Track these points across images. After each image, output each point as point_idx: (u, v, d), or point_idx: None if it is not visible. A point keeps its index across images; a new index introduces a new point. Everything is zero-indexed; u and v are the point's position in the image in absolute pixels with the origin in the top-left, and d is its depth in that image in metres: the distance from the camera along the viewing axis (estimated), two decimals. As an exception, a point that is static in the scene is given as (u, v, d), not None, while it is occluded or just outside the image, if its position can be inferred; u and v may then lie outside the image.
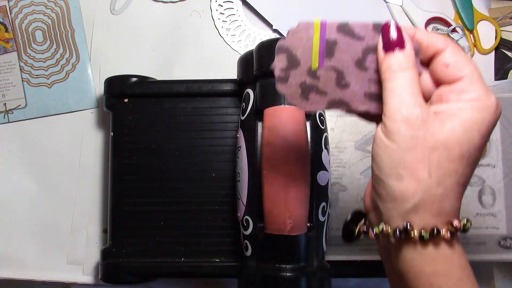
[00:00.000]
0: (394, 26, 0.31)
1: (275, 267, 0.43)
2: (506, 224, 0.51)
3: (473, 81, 0.30)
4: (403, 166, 0.29)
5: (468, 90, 0.30)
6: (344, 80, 0.32)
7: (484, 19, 0.61)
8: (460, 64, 0.30)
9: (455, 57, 0.31)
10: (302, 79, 0.33)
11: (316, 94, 0.33)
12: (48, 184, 0.59)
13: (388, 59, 0.31)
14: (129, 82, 0.54)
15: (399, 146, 0.29)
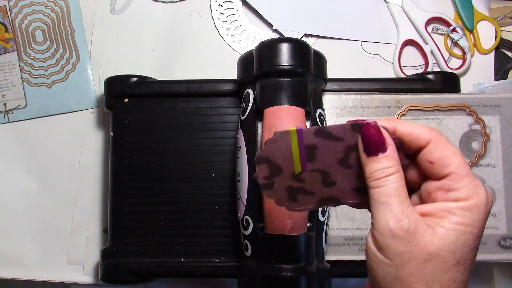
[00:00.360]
0: (373, 128, 0.30)
1: (275, 267, 0.43)
2: (506, 224, 0.51)
3: (459, 178, 0.29)
4: (399, 282, 0.28)
5: (455, 188, 0.29)
6: (330, 179, 0.32)
7: (484, 19, 0.61)
8: (445, 160, 0.29)
9: (438, 152, 0.29)
10: (288, 184, 0.32)
11: (304, 195, 0.32)
12: (48, 184, 0.59)
13: (370, 165, 0.30)
14: (129, 82, 0.54)
15: (392, 261, 0.28)
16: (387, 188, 0.29)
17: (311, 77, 0.47)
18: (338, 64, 0.58)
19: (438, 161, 0.29)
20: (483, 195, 0.29)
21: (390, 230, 0.28)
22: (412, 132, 0.30)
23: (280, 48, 0.46)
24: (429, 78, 0.54)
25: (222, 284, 0.58)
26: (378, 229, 0.28)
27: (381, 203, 0.29)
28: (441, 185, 0.30)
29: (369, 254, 0.29)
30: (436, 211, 0.29)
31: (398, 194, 0.29)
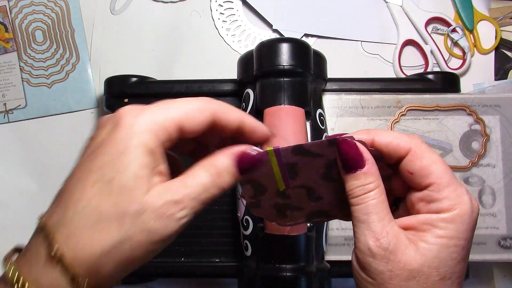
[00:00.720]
0: (350, 144, 0.29)
1: (275, 267, 0.43)
2: (506, 224, 0.51)
3: (441, 187, 0.28)
4: None
5: (437, 199, 0.28)
6: (316, 194, 0.32)
7: (484, 19, 0.61)
8: (425, 170, 0.28)
9: (419, 162, 0.28)
10: (274, 201, 0.32)
11: (292, 211, 0.32)
12: (48, 184, 0.59)
13: (350, 182, 0.29)
14: (129, 82, 0.54)
15: (374, 280, 0.27)
16: (366, 205, 0.28)
17: (311, 77, 0.47)
18: (338, 64, 0.58)
19: (418, 171, 0.29)
20: (467, 204, 0.28)
21: (369, 249, 0.27)
22: (390, 143, 0.29)
23: (280, 48, 0.46)
24: (429, 78, 0.54)
25: (222, 284, 0.58)
26: (359, 248, 0.28)
27: (361, 221, 0.28)
28: (423, 196, 0.29)
29: (354, 272, 0.29)
30: (418, 224, 0.28)
31: (377, 211, 0.28)
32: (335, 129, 0.51)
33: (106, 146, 0.26)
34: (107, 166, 0.26)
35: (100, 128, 0.28)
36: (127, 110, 0.27)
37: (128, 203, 0.25)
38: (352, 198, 0.29)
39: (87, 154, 0.27)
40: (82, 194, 0.26)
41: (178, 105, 0.28)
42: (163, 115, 0.27)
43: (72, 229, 0.25)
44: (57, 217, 0.26)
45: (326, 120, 0.50)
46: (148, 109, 0.27)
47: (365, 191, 0.28)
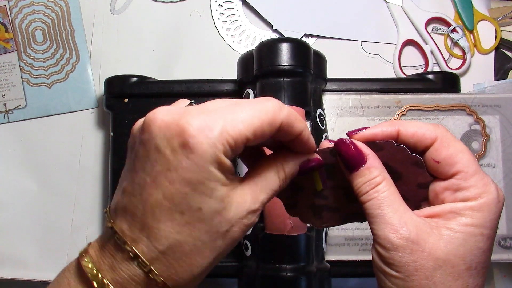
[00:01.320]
0: (348, 143, 0.29)
1: (275, 267, 0.43)
2: (506, 224, 0.51)
3: (468, 176, 0.27)
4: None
5: (463, 188, 0.27)
6: (353, 194, 0.30)
7: (484, 19, 0.61)
8: (452, 159, 0.28)
9: (445, 150, 0.28)
10: (311, 202, 0.32)
11: (328, 212, 0.32)
12: (48, 184, 0.59)
13: (355, 179, 0.29)
14: (129, 82, 0.54)
15: (399, 273, 0.27)
16: (377, 199, 0.28)
17: (311, 77, 0.47)
18: (338, 64, 0.58)
19: (444, 160, 0.28)
20: (494, 193, 0.27)
21: (391, 242, 0.27)
22: (416, 133, 0.29)
23: (280, 48, 0.46)
24: (429, 78, 0.54)
25: (222, 284, 0.58)
26: (379, 243, 0.27)
27: (376, 216, 0.28)
28: (448, 185, 0.28)
29: (376, 266, 0.28)
30: (443, 212, 0.28)
31: (390, 203, 0.28)
32: (335, 129, 0.51)
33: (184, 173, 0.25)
34: (192, 197, 0.25)
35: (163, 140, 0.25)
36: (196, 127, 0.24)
37: (219, 225, 0.26)
38: (361, 196, 0.28)
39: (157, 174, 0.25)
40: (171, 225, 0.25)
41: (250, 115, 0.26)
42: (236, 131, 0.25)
43: (168, 261, 0.26)
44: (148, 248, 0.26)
45: (326, 120, 0.50)
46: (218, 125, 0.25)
47: (373, 186, 0.28)
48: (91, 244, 0.28)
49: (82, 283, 0.26)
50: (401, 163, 0.30)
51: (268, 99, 0.27)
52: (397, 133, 0.29)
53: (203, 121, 0.25)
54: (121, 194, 0.27)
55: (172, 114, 0.25)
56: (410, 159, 0.29)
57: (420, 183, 0.29)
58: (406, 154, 0.29)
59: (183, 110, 0.26)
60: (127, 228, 0.26)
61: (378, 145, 0.30)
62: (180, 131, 0.24)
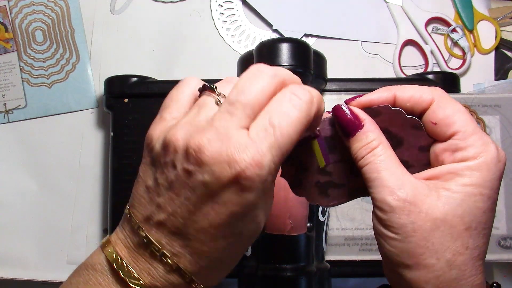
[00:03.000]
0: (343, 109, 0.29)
1: (275, 267, 0.43)
2: (506, 224, 0.51)
3: (466, 136, 0.27)
4: (407, 255, 0.26)
5: (462, 147, 0.27)
6: (356, 168, 0.30)
7: (484, 19, 0.61)
8: (449, 119, 0.28)
9: (442, 111, 0.28)
10: (315, 179, 0.32)
11: (334, 189, 0.32)
12: (48, 184, 0.59)
13: (353, 144, 0.29)
14: (129, 82, 0.54)
15: (397, 235, 0.27)
16: (374, 163, 0.28)
17: (311, 77, 0.47)
18: (338, 64, 0.58)
19: (442, 120, 0.28)
20: (493, 152, 0.27)
21: (388, 204, 0.26)
22: (412, 96, 0.29)
23: (280, 48, 0.46)
24: (429, 78, 0.54)
25: (222, 284, 0.58)
26: (377, 206, 0.27)
27: (373, 179, 0.28)
28: (447, 146, 0.28)
29: (375, 230, 0.28)
30: (442, 173, 0.27)
31: (387, 166, 0.28)
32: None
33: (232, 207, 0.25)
34: (236, 225, 0.26)
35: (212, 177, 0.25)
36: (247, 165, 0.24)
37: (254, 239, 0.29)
38: (359, 161, 0.29)
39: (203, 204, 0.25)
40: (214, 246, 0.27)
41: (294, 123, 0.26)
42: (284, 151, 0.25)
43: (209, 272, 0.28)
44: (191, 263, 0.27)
45: (326, 120, 0.50)
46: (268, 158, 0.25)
47: (369, 150, 0.28)
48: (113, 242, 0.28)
49: (118, 282, 0.27)
50: (400, 127, 0.30)
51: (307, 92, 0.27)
52: (394, 98, 0.30)
53: (253, 157, 0.24)
54: (155, 207, 0.27)
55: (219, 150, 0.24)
56: (408, 122, 0.29)
57: (421, 145, 0.29)
58: (403, 117, 0.29)
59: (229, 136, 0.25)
60: (167, 243, 0.26)
61: (375, 110, 0.30)
62: (231, 171, 0.24)
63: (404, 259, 0.27)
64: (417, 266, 0.26)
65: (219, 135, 0.25)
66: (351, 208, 0.51)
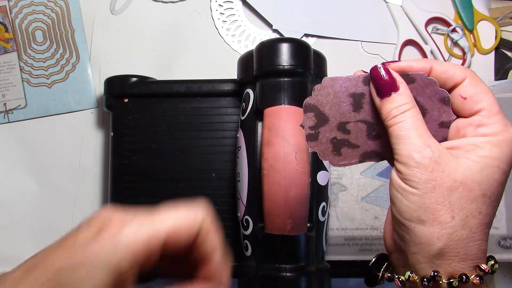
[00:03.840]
0: (382, 69, 0.31)
1: (275, 267, 0.43)
2: (506, 224, 0.51)
3: (491, 114, 0.29)
4: (423, 210, 0.28)
5: (485, 124, 0.29)
6: (375, 132, 0.32)
7: (484, 19, 0.61)
8: (478, 97, 0.30)
9: (473, 89, 0.30)
10: (333, 135, 0.32)
11: (348, 148, 0.32)
12: (48, 184, 0.59)
13: (385, 105, 0.30)
14: (129, 82, 0.54)
15: (417, 190, 0.28)
16: (405, 122, 0.29)
17: (311, 77, 0.47)
18: (338, 64, 0.58)
19: (471, 96, 0.30)
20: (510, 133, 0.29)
21: (413, 159, 0.28)
22: (447, 70, 0.31)
23: (280, 48, 0.46)
24: (429, 78, 0.54)
25: (222, 284, 0.58)
26: (401, 161, 0.29)
27: (401, 137, 0.29)
28: (471, 121, 0.30)
29: (394, 186, 0.29)
30: (464, 145, 0.29)
31: (417, 127, 0.29)
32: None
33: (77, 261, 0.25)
34: None
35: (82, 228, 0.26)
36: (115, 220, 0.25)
37: None
38: (389, 120, 0.30)
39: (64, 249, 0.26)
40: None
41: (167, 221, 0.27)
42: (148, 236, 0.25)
43: None
44: None
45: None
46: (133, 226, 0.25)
47: (402, 111, 0.30)
48: None
49: None
50: (429, 97, 0.31)
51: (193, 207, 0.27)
52: (431, 68, 0.31)
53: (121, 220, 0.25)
54: None
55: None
56: (438, 94, 0.31)
57: (443, 121, 0.31)
58: (435, 88, 0.31)
59: None
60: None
61: (410, 77, 0.31)
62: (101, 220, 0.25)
63: (420, 214, 0.28)
64: (432, 222, 0.28)
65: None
66: (351, 208, 0.51)
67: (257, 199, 0.44)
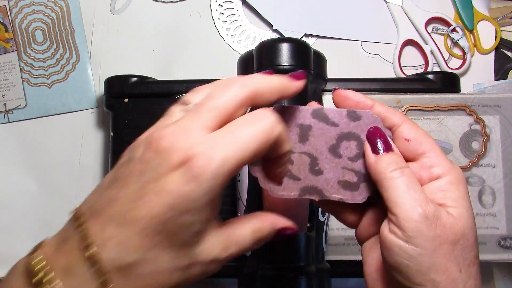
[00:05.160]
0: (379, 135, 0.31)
1: (275, 267, 0.43)
2: (506, 224, 0.51)
3: (437, 155, 0.30)
4: (435, 270, 0.27)
5: (437, 164, 0.30)
6: (318, 167, 0.32)
7: (484, 19, 0.61)
8: (420, 139, 0.30)
9: (413, 132, 0.30)
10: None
11: (289, 179, 0.32)
12: (48, 184, 0.59)
13: (383, 159, 0.30)
14: (129, 82, 0.54)
15: (425, 249, 0.27)
16: (406, 176, 0.29)
17: (311, 77, 0.47)
18: (338, 64, 0.58)
19: (414, 138, 0.30)
20: (459, 169, 0.30)
21: (421, 215, 0.27)
22: (387, 111, 0.32)
23: (280, 48, 0.46)
24: (429, 78, 0.54)
25: (222, 284, 0.58)
26: (405, 217, 0.27)
27: (403, 191, 0.28)
28: (422, 165, 0.30)
29: (393, 250, 0.28)
30: (433, 193, 0.29)
31: (415, 183, 0.29)
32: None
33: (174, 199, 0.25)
34: (172, 222, 0.25)
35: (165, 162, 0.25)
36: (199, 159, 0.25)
37: (183, 258, 0.26)
38: (389, 173, 0.29)
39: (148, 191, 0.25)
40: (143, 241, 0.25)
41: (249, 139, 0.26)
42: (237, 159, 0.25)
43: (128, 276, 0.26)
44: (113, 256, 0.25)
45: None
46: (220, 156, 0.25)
47: (397, 168, 0.29)
48: (44, 242, 0.28)
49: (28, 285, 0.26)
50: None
51: (266, 115, 0.27)
52: (372, 106, 0.32)
53: (207, 151, 0.25)
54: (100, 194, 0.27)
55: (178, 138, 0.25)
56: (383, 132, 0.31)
57: None
58: (379, 126, 0.31)
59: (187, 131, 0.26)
60: (99, 232, 0.26)
61: (357, 114, 0.32)
62: (182, 160, 0.25)
63: (433, 276, 0.27)
64: (445, 281, 0.27)
65: (179, 129, 0.26)
66: (351, 208, 0.51)
67: (257, 199, 0.44)
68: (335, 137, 0.32)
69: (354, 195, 0.31)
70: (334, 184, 0.32)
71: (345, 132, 0.31)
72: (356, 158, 0.32)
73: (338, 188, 0.32)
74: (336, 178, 0.32)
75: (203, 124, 0.26)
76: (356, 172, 0.32)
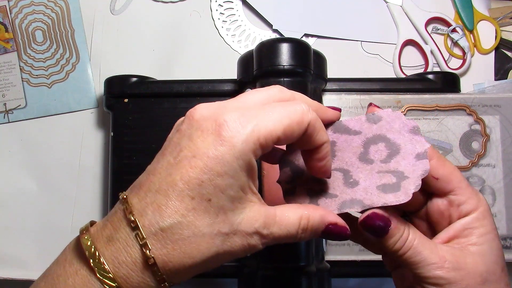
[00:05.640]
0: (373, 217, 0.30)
1: (275, 267, 0.43)
2: (506, 224, 0.51)
3: (465, 191, 0.30)
4: None
5: (464, 202, 0.30)
6: (352, 179, 0.31)
7: (484, 19, 0.61)
8: (449, 176, 0.31)
9: (442, 169, 0.30)
10: (308, 186, 0.31)
11: (325, 199, 0.31)
12: (48, 184, 0.59)
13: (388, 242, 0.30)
14: (129, 82, 0.54)
15: None
16: (414, 248, 0.29)
17: (311, 77, 0.47)
18: (338, 64, 0.58)
19: (443, 176, 0.30)
20: (485, 200, 0.31)
21: (442, 278, 0.28)
22: None
23: (280, 48, 0.46)
24: (429, 78, 0.54)
25: (222, 284, 0.58)
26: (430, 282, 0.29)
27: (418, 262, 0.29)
28: (450, 202, 0.31)
29: None
30: (458, 232, 0.30)
31: (425, 246, 0.29)
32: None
33: (208, 161, 0.26)
34: (206, 185, 0.26)
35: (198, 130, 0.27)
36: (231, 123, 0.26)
37: (223, 224, 0.27)
38: (398, 251, 0.30)
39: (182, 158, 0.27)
40: (178, 206, 0.26)
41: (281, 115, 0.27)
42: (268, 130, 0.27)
43: (165, 240, 0.26)
44: (150, 222, 0.26)
45: (326, 120, 0.50)
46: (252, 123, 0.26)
47: (405, 239, 0.29)
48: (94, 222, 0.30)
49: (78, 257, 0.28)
50: (398, 132, 0.31)
51: (298, 102, 0.28)
52: None
53: (238, 118, 0.26)
54: (143, 174, 0.29)
55: (211, 109, 0.27)
56: (407, 125, 0.30)
57: (418, 153, 0.30)
58: (403, 120, 0.31)
59: (222, 105, 0.27)
60: (137, 202, 0.27)
61: (377, 115, 0.31)
62: (215, 125, 0.26)
63: None
64: None
65: (215, 104, 0.28)
66: (351, 208, 0.51)
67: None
68: (362, 145, 0.31)
69: (398, 195, 0.29)
70: (373, 191, 0.30)
71: (370, 137, 0.31)
72: (389, 158, 0.31)
73: (378, 194, 0.30)
74: (373, 184, 0.30)
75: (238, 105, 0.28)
76: (393, 172, 0.30)
